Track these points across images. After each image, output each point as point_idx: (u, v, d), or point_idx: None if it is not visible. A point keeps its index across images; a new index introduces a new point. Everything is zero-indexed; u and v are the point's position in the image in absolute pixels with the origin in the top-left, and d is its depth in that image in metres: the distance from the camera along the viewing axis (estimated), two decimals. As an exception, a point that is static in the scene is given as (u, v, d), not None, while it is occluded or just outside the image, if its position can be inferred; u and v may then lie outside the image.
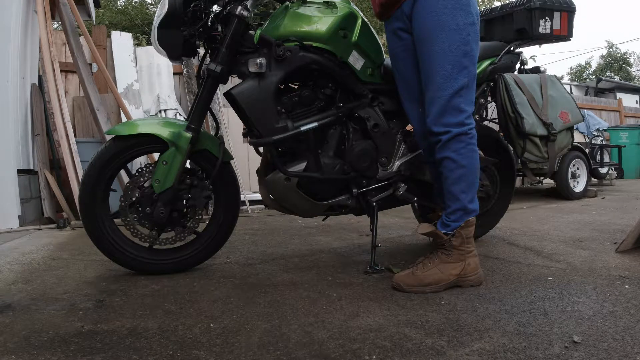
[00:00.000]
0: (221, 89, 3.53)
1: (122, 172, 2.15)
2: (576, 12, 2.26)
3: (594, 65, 30.64)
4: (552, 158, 2.11)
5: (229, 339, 1.23)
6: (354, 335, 1.24)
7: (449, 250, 1.64)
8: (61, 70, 3.95)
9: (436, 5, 1.60)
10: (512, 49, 2.22)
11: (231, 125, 4.47)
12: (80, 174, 3.34)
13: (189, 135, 1.77)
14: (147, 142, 1.79)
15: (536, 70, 2.28)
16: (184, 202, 1.84)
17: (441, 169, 1.69)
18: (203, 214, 1.90)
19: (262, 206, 4.11)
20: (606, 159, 6.27)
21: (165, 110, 4.41)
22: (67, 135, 3.47)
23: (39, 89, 3.81)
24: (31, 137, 3.67)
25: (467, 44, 1.61)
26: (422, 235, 1.72)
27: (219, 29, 1.78)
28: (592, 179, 5.87)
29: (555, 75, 2.25)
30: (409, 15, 1.69)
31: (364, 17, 1.88)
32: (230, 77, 1.81)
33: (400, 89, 1.86)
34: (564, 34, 2.24)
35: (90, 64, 4.28)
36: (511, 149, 2.26)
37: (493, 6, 2.90)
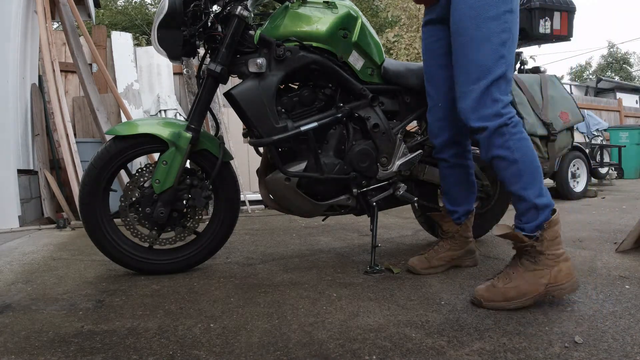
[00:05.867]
0: (221, 89, 3.53)
1: (122, 172, 2.15)
2: (576, 12, 2.26)
3: (594, 65, 30.67)
4: (552, 158, 2.11)
5: (229, 339, 1.23)
6: (354, 335, 1.24)
7: (534, 256, 1.44)
8: (61, 70, 3.95)
9: None
10: (512, 49, 2.22)
11: (231, 125, 4.47)
12: (80, 174, 3.34)
13: (189, 135, 1.77)
14: (147, 142, 1.79)
15: (536, 70, 2.27)
16: (184, 202, 1.84)
17: (495, 171, 1.53)
18: (203, 214, 1.90)
19: (262, 206, 4.11)
20: (606, 159, 6.27)
21: (165, 110, 4.41)
22: (67, 135, 3.47)
23: (39, 89, 3.81)
24: (31, 137, 3.67)
25: (505, 31, 1.48)
26: (498, 237, 1.50)
27: (219, 29, 1.78)
28: (592, 179, 5.88)
29: (555, 75, 2.25)
30: (446, 5, 1.59)
31: (363, 17, 1.88)
32: (230, 77, 1.81)
33: (428, 87, 1.78)
34: (564, 34, 2.23)
35: (90, 64, 4.28)
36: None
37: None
